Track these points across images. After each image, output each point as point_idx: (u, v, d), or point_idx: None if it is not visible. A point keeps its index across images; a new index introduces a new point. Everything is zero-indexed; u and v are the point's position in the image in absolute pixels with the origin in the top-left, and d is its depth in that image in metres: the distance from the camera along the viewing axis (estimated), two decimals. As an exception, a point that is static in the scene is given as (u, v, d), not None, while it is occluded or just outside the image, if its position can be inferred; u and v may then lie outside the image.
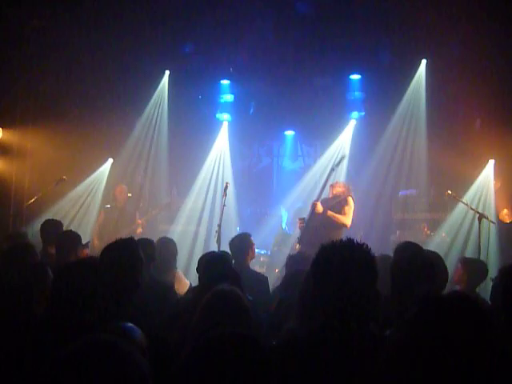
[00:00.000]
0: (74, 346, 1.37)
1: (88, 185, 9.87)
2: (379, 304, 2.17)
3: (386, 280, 3.14)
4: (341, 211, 7.14)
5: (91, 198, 9.85)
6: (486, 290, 4.82)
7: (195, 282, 4.55)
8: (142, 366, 1.37)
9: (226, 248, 5.89)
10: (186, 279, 5.84)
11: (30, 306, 3.11)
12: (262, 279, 5.32)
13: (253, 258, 5.81)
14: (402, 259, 3.14)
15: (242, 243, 5.65)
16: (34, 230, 7.47)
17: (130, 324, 2.41)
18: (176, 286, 4.73)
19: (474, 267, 4.96)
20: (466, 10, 8.39)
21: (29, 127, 9.24)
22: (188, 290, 4.92)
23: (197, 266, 4.18)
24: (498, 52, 8.48)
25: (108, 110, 9.32)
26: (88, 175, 9.83)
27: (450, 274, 4.14)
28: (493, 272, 4.97)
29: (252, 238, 5.84)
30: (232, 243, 5.67)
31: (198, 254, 8.93)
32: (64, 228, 6.38)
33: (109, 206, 8.80)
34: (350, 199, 7.24)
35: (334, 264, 2.18)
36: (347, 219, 7.09)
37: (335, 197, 7.29)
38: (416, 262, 3.04)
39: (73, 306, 2.61)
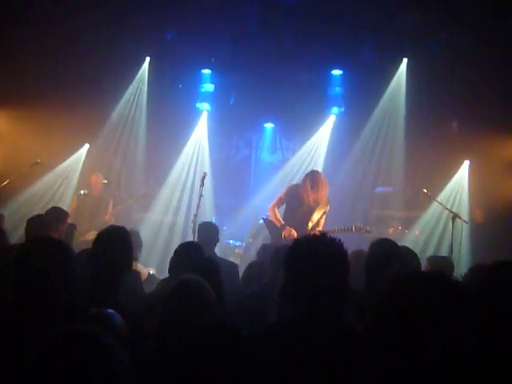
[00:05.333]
0: (50, 337, 1.33)
1: (63, 169, 9.74)
2: (350, 297, 2.20)
3: (360, 274, 3.17)
4: (318, 221, 7.14)
5: (66, 183, 9.72)
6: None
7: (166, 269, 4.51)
8: (123, 358, 1.34)
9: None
10: (144, 268, 5.82)
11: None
12: (232, 266, 5.29)
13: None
14: (377, 255, 3.17)
15: (212, 231, 5.63)
16: (7, 213, 7.38)
17: (111, 310, 2.40)
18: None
19: (439, 265, 5.03)
20: (447, 14, 8.47)
21: (4, 109, 9.09)
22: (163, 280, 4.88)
23: (171, 257, 4.12)
24: (477, 55, 8.59)
25: (86, 93, 9.18)
26: (63, 160, 9.69)
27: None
28: (463, 270, 5.04)
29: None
30: (200, 231, 5.65)
31: (174, 243, 8.92)
32: (38, 212, 6.27)
33: (82, 192, 8.67)
34: (327, 209, 7.19)
35: (306, 257, 2.19)
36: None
37: (317, 201, 7.10)
38: (390, 259, 3.08)
39: (40, 292, 2.54)
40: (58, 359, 1.26)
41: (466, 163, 9.55)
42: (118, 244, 3.21)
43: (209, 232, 5.64)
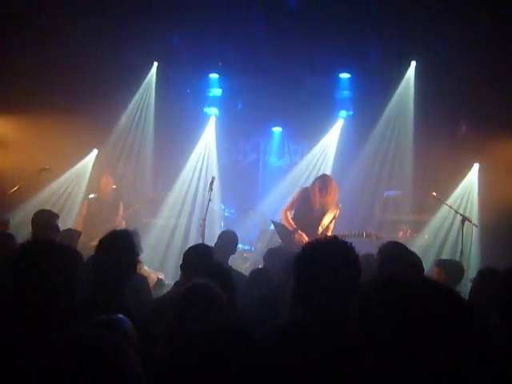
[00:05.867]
0: (52, 339, 1.31)
1: (72, 175, 9.77)
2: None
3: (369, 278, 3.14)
4: (328, 226, 7.10)
5: (74, 189, 9.75)
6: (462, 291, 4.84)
7: (173, 274, 4.53)
8: (136, 362, 1.32)
9: (209, 243, 5.85)
10: (152, 272, 5.82)
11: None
12: (239, 277, 5.31)
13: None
14: (388, 259, 3.15)
15: (233, 240, 5.65)
16: (16, 220, 7.41)
17: (120, 315, 2.39)
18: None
19: (450, 268, 4.95)
20: (456, 16, 8.44)
21: (13, 115, 9.13)
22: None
23: (182, 259, 4.12)
24: (486, 58, 8.54)
25: (94, 99, 9.21)
26: (72, 165, 9.73)
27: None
28: (473, 274, 4.99)
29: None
30: (223, 237, 5.66)
31: (180, 247, 8.93)
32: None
33: (92, 196, 8.68)
34: (337, 213, 7.14)
35: (320, 260, 2.18)
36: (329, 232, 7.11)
37: (325, 206, 7.04)
38: (403, 262, 3.06)
39: (42, 294, 2.53)
40: (60, 361, 1.24)
41: (476, 166, 9.48)
42: (122, 248, 3.20)
43: (229, 240, 5.66)
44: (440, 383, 1.53)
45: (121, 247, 3.20)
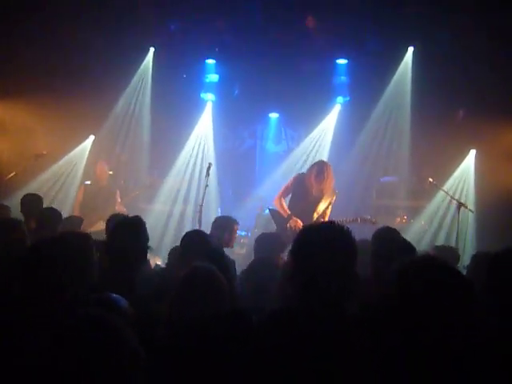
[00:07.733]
0: (62, 322, 1.33)
1: (69, 161, 9.76)
2: (357, 285, 2.21)
3: (364, 263, 3.17)
4: (324, 212, 7.13)
5: (71, 175, 9.75)
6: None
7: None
8: (133, 341, 1.35)
9: (206, 228, 5.86)
10: (151, 258, 5.87)
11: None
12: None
13: (230, 246, 5.70)
14: (382, 244, 3.17)
15: (224, 225, 5.62)
16: (12, 205, 7.40)
17: (115, 294, 2.41)
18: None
19: (444, 255, 4.93)
20: (453, 2, 8.41)
21: (10, 101, 9.09)
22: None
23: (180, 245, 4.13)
24: (484, 44, 8.51)
25: (91, 85, 9.16)
26: (69, 151, 9.72)
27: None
28: (468, 260, 5.01)
29: (237, 227, 5.75)
30: (215, 222, 5.66)
31: (176, 233, 8.95)
32: (44, 204, 6.30)
33: (89, 182, 8.68)
34: (333, 199, 7.15)
35: (318, 243, 2.20)
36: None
37: (322, 192, 7.05)
38: (395, 247, 3.08)
39: (48, 287, 2.54)
40: (60, 360, 1.26)
41: (472, 152, 9.51)
42: (136, 235, 3.18)
43: (219, 225, 5.63)
44: (436, 360, 1.55)
45: (136, 234, 3.19)
